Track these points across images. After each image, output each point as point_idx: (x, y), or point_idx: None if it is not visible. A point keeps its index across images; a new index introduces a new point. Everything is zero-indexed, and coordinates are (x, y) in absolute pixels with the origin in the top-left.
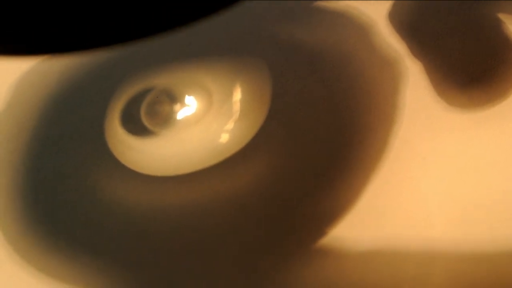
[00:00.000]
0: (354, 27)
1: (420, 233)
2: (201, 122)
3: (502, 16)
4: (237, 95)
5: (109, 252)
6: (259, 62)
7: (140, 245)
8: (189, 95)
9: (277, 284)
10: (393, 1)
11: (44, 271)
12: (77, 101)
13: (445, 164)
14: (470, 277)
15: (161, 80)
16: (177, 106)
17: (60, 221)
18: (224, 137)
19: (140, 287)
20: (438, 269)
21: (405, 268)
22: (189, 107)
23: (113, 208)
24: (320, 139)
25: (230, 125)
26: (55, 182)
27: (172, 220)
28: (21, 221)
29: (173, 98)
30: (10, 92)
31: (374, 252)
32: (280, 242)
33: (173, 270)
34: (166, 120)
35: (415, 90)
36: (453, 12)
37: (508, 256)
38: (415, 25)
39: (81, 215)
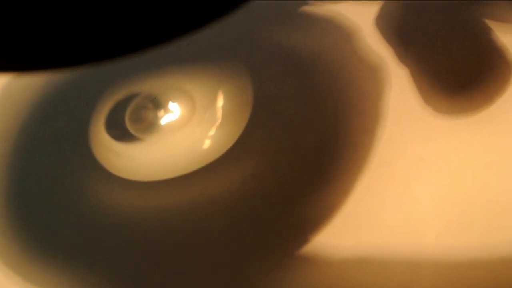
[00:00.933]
0: (339, 33)
1: (406, 239)
2: (184, 128)
3: (488, 22)
4: (220, 101)
5: (94, 257)
6: (242, 68)
7: (125, 251)
8: (172, 101)
9: None
10: (379, 7)
11: (29, 280)
12: (61, 107)
13: (430, 170)
14: (459, 283)
15: (145, 86)
16: (161, 112)
17: (45, 228)
18: (207, 143)
19: None
20: (425, 276)
21: (393, 274)
22: (172, 113)
23: (98, 214)
24: (303, 145)
25: (213, 131)
26: (40, 190)
27: (155, 225)
28: (6, 230)
29: (157, 104)
30: None
31: (360, 259)
32: (263, 249)
33: (155, 273)
34: (150, 126)
35: (401, 95)
36: (439, 18)
37: (499, 261)
38: (401, 31)
39: (67, 222)
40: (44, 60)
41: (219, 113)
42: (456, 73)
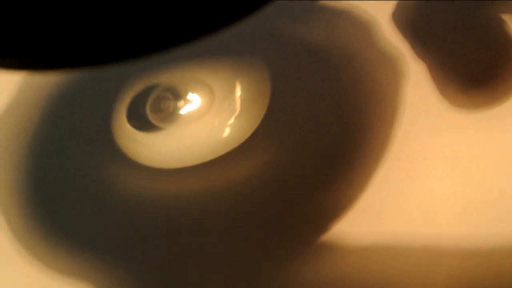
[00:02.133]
0: (356, 26)
1: (422, 230)
2: (204, 117)
3: (504, 16)
4: (239, 91)
5: (115, 246)
6: (260, 61)
7: (144, 239)
8: (192, 92)
9: (278, 281)
10: (396, 1)
11: (51, 266)
12: (82, 99)
13: (446, 163)
14: (472, 272)
15: (165, 78)
16: (181, 103)
17: (68, 216)
18: (226, 132)
19: (143, 283)
20: (440, 265)
21: (407, 264)
22: (192, 103)
23: (121, 201)
24: (321, 136)
25: (232, 121)
26: (63, 177)
27: (176, 213)
28: (28, 219)
29: (177, 95)
30: (13, 91)
31: (376, 248)
32: (282, 238)
33: (175, 262)
34: (170, 115)
35: (418, 89)
36: (455, 12)
37: (510, 252)
38: (417, 25)
39: (90, 210)
40: (60, 59)
41: (238, 103)
42: (472, 67)
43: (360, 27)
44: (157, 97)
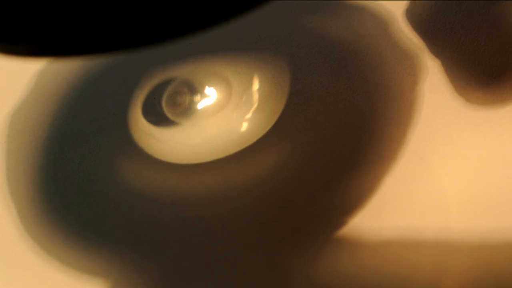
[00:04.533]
0: (374, 21)
1: (438, 223)
2: (221, 112)
3: None
4: (256, 85)
5: (130, 241)
6: (278, 55)
7: (162, 233)
8: (209, 86)
9: (296, 274)
10: None
11: (66, 262)
12: (98, 93)
13: (463, 158)
14: (487, 264)
15: (181, 71)
16: (197, 97)
17: (84, 212)
18: (244, 126)
19: (160, 278)
20: (455, 257)
21: (423, 256)
22: (209, 97)
23: (136, 196)
24: (339, 130)
25: (249, 115)
26: (78, 172)
27: (193, 207)
28: (43, 213)
29: (193, 89)
30: (29, 84)
31: (392, 241)
32: (300, 231)
33: (193, 257)
34: (187, 110)
35: (433, 86)
36: (471, 8)
37: None
38: (431, 22)
39: (104, 204)
40: (80, 45)
41: (256, 97)
42: (488, 64)
43: (379, 22)
44: (173, 91)
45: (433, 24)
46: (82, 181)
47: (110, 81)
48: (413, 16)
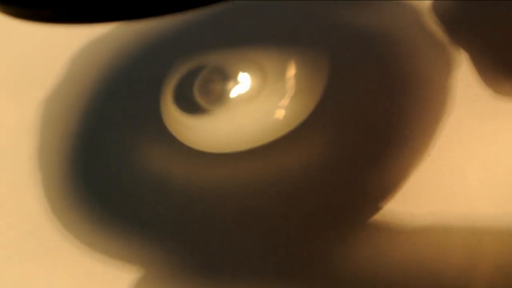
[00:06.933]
0: (408, 12)
1: (468, 210)
2: (255, 99)
3: None
4: (292, 71)
5: (164, 230)
6: (314, 44)
7: (194, 221)
8: (242, 72)
9: (333, 258)
10: None
11: (100, 250)
12: (131, 79)
13: (491, 148)
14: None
15: (214, 57)
16: (230, 84)
17: (114, 198)
18: (279, 114)
19: (195, 265)
20: (487, 242)
21: (455, 241)
22: (242, 84)
23: (167, 184)
24: (374, 118)
25: (285, 102)
26: (110, 159)
27: (226, 196)
28: (74, 199)
29: (226, 75)
30: (65, 68)
31: (426, 227)
32: (336, 217)
33: (225, 246)
34: (219, 97)
35: (461, 78)
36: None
37: None
38: (457, 13)
39: (137, 193)
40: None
41: (291, 83)
42: None
43: (413, 13)
44: (206, 78)
45: (460, 16)
46: (112, 167)
47: (142, 68)
48: (439, 9)
